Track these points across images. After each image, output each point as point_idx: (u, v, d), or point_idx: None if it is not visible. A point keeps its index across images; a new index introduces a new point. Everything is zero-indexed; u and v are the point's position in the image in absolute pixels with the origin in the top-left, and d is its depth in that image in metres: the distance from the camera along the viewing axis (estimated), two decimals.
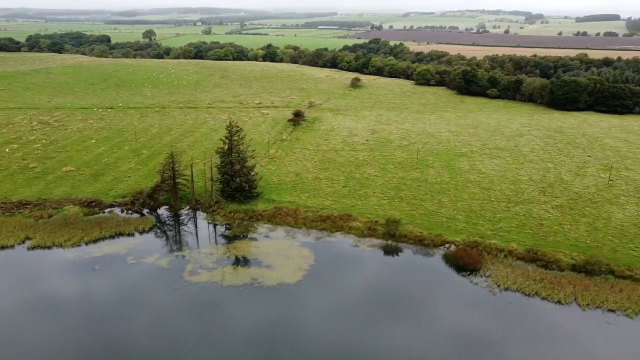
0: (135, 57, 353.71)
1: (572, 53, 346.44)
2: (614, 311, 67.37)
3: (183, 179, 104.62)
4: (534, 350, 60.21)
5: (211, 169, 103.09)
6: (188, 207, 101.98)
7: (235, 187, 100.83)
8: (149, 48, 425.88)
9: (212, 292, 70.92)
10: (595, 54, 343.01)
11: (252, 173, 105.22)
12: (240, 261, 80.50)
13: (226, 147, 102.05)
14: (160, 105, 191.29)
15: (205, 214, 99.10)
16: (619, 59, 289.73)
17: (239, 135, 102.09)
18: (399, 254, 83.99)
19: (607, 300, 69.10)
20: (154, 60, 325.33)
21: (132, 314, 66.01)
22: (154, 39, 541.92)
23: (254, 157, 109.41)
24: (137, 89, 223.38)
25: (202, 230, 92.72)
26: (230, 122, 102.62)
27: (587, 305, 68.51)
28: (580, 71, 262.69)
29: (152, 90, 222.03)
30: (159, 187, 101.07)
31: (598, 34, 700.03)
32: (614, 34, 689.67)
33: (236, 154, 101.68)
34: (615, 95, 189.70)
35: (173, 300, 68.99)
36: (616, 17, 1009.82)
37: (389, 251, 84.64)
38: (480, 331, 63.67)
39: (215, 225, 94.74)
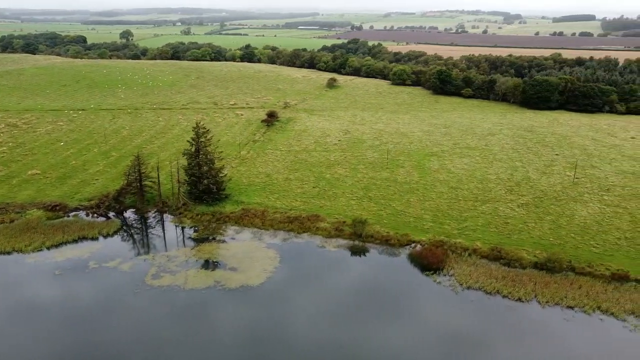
0: (111, 58, 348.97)
1: (548, 53, 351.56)
2: (572, 308, 68.32)
3: (150, 182, 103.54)
4: (489, 348, 60.73)
5: (177, 171, 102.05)
6: (155, 209, 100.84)
7: (203, 189, 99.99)
8: (125, 49, 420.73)
9: (173, 296, 70.11)
10: (570, 54, 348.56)
11: (221, 175, 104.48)
12: (205, 264, 79.81)
13: (193, 148, 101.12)
14: (133, 107, 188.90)
15: (172, 217, 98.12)
16: (591, 58, 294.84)
17: (206, 137, 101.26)
18: (365, 254, 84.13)
19: (566, 297, 70.06)
20: (130, 61, 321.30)
21: (86, 320, 64.82)
22: (131, 39, 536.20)
23: (222, 159, 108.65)
24: (110, 90, 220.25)
25: (168, 233, 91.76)
26: (197, 124, 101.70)
27: (547, 302, 69.37)
28: (554, 71, 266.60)
29: (126, 92, 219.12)
30: (124, 190, 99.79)
31: (574, 34, 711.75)
32: (589, 34, 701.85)
33: (204, 156, 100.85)
34: (586, 95, 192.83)
35: (131, 305, 68.03)
36: (592, 18, 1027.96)
37: (355, 251, 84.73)
38: (438, 330, 63.98)
39: (182, 228, 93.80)
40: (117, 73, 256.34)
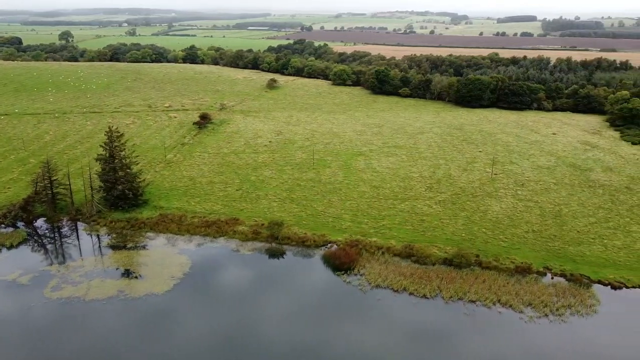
0: (46, 60, 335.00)
1: (487, 52, 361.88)
2: (474, 302, 69.84)
3: (62, 189, 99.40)
4: (387, 346, 61.19)
5: (90, 177, 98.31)
6: (67, 218, 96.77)
7: (118, 195, 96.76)
8: (64, 50, 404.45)
9: (70, 308, 67.24)
10: (507, 53, 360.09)
11: (138, 180, 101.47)
12: (111, 273, 77.07)
13: (107, 153, 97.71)
14: (62, 111, 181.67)
15: (86, 225, 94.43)
16: (525, 58, 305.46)
17: (120, 141, 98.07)
18: (279, 256, 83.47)
19: (469, 292, 71.58)
20: (64, 63, 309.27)
21: None
22: (71, 40, 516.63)
23: (138, 163, 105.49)
24: (39, 94, 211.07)
25: (78, 242, 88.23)
26: (109, 128, 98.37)
27: (450, 297, 70.64)
28: (490, 70, 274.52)
29: (56, 95, 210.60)
30: (31, 199, 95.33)
31: (515, 34, 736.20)
32: (530, 34, 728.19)
33: (118, 161, 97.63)
34: (515, 93, 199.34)
35: (23, 320, 64.73)
36: (533, 19, 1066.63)
37: (270, 254, 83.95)
38: (337, 332, 63.97)
39: (94, 237, 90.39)
40: (48, 76, 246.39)
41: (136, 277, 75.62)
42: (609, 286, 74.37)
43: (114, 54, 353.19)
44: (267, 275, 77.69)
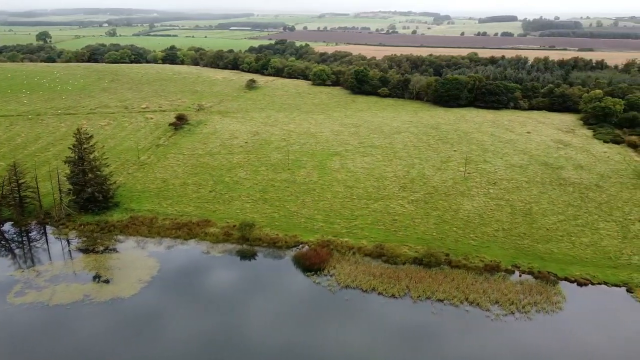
0: (22, 61, 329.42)
1: (467, 52, 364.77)
2: (442, 301, 70.14)
3: (30, 192, 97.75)
4: (350, 347, 61.14)
5: (58, 180, 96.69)
6: (35, 221, 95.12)
7: (87, 197, 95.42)
8: (41, 51, 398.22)
9: (33, 314, 66.07)
10: (487, 53, 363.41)
11: (109, 182, 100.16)
12: (77, 277, 75.92)
13: (75, 156, 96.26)
14: (35, 113, 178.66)
15: (54, 228, 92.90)
16: (503, 57, 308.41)
17: (89, 143, 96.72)
18: (250, 258, 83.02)
19: (438, 291, 71.88)
20: (40, 64, 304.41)
21: None
22: (49, 41, 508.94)
23: (108, 165, 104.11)
24: (13, 96, 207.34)
25: (45, 246, 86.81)
26: (78, 129, 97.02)
27: (419, 297, 70.88)
28: (468, 69, 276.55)
29: (30, 97, 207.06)
30: None
31: (496, 34, 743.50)
32: (510, 34, 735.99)
33: (87, 163, 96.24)
34: (492, 92, 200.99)
35: None
36: (514, 18, 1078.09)
37: (241, 256, 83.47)
38: (306, 332, 63.80)
39: (62, 240, 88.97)
40: (23, 77, 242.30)
41: (103, 281, 74.60)
42: (575, 283, 75.30)
43: (92, 55, 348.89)
44: (235, 278, 77.27)
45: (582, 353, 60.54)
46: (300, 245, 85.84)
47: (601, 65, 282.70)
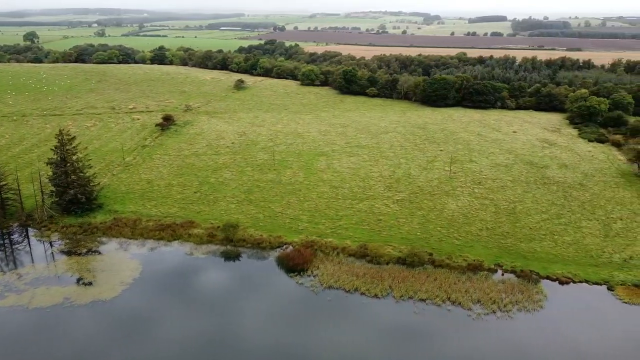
0: (9, 62, 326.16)
1: (457, 52, 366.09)
2: (424, 300, 70.24)
3: (12, 194, 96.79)
4: (331, 347, 61.07)
5: (40, 182, 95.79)
6: (17, 224, 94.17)
7: (70, 199, 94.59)
8: (28, 51, 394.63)
9: (11, 317, 65.35)
10: (476, 53, 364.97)
11: (92, 183, 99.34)
12: (58, 279, 75.24)
13: (58, 157, 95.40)
14: (21, 114, 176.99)
15: (37, 231, 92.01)
16: (491, 57, 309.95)
17: (72, 144, 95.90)
18: (234, 259, 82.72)
19: (420, 290, 71.99)
20: (27, 64, 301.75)
21: None
22: (37, 41, 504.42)
23: (91, 167, 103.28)
24: None
25: (27, 249, 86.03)
26: (60, 131, 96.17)
27: (401, 296, 70.94)
28: (457, 69, 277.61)
29: (16, 97, 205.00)
30: None
31: (486, 34, 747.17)
32: (500, 34, 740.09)
33: (70, 164, 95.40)
34: (479, 92, 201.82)
35: None
36: (504, 19, 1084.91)
37: (224, 257, 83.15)
38: (288, 333, 63.64)
39: (45, 242, 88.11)
40: (8, 78, 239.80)
41: (84, 284, 73.97)
42: (557, 281, 75.72)
43: (80, 55, 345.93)
44: (218, 279, 76.94)
45: (561, 351, 60.82)
46: (285, 246, 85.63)
47: (588, 65, 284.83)
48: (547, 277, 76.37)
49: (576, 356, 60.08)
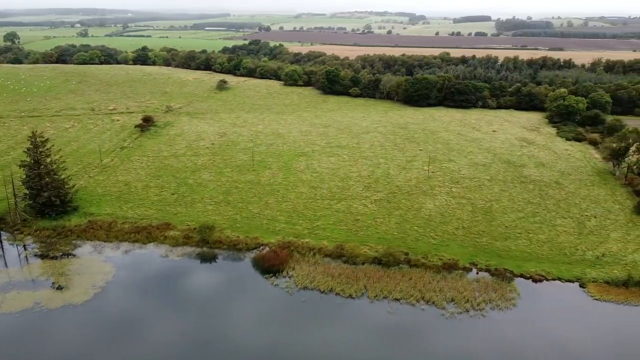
0: None
1: (440, 52, 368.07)
2: (398, 300, 70.41)
3: None
4: (306, 348, 60.96)
5: (12, 184, 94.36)
6: None
7: (44, 202, 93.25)
8: (7, 52, 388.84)
9: None
10: (459, 53, 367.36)
11: (67, 186, 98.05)
12: (29, 284, 74.14)
13: (31, 159, 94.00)
14: None
15: (9, 234, 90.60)
16: (474, 57, 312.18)
17: (45, 146, 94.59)
18: (210, 261, 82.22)
19: (395, 290, 72.16)
20: (5, 65, 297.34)
21: None
22: (18, 42, 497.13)
23: (66, 169, 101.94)
24: None
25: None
26: (33, 133, 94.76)
27: (376, 296, 71.03)
28: (439, 69, 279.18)
29: None
30: None
31: (470, 33, 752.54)
32: (484, 34, 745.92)
33: (44, 167, 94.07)
34: (461, 91, 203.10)
35: None
36: (488, 19, 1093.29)
37: (200, 259, 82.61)
38: (261, 334, 63.38)
39: (18, 246, 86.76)
40: None
41: (56, 288, 72.97)
42: (531, 279, 76.43)
43: (61, 56, 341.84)
44: (192, 282, 76.40)
45: (533, 348, 61.34)
46: (261, 247, 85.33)
47: (569, 65, 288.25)
48: (521, 275, 77.04)
49: (548, 353, 60.61)
